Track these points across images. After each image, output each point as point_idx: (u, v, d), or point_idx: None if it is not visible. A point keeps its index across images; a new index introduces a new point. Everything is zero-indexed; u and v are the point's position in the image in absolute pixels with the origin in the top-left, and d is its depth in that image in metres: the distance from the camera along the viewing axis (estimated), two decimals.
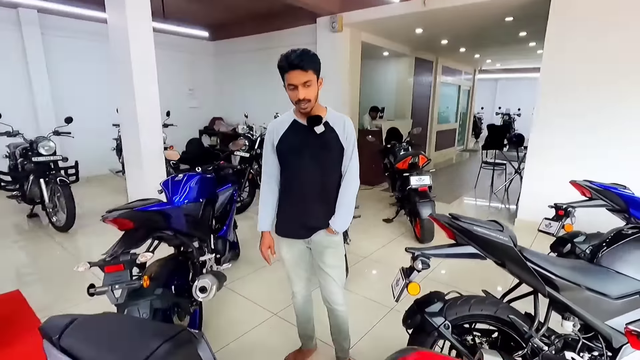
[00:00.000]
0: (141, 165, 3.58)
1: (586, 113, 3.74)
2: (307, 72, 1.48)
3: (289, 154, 1.66)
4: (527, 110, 12.98)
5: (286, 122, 1.68)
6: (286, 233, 1.77)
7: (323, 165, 1.65)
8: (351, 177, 1.70)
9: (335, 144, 1.64)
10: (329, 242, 1.74)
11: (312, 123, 1.61)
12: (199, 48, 8.00)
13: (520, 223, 4.34)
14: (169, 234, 2.02)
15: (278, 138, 1.67)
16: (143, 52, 3.45)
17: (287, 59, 1.48)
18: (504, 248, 1.42)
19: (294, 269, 1.85)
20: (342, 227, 1.72)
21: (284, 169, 1.71)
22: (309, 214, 1.69)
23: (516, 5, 4.42)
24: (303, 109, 1.56)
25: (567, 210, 2.40)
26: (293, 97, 1.54)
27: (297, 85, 1.50)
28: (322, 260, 1.76)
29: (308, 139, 1.62)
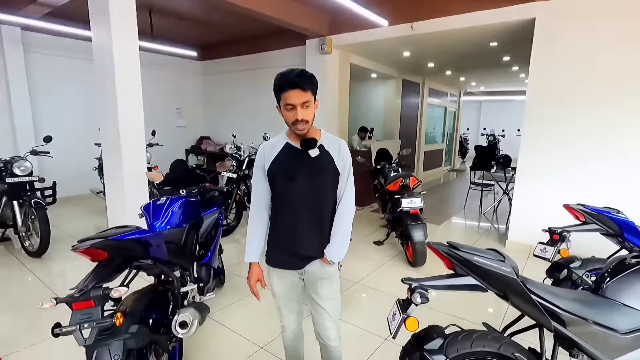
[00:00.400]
0: (122, 186, 3.42)
1: (573, 135, 3.79)
2: (306, 92, 1.42)
3: (281, 178, 1.56)
4: (510, 132, 13.33)
5: (278, 145, 1.59)
6: (278, 263, 1.65)
7: (317, 190, 1.56)
8: (347, 203, 1.61)
9: (330, 168, 1.56)
10: (324, 273, 1.63)
11: (306, 146, 1.52)
12: (188, 67, 7.97)
13: (511, 245, 4.30)
14: (148, 263, 1.88)
15: (269, 162, 1.57)
16: (128, 71, 3.36)
17: (286, 78, 1.41)
18: (507, 280, 1.34)
19: (285, 302, 1.72)
20: (338, 256, 1.61)
21: (276, 195, 1.61)
22: (302, 243, 1.58)
23: (500, 30, 4.55)
24: (300, 130, 1.48)
25: (562, 234, 2.35)
26: (290, 117, 1.46)
27: (296, 105, 1.43)
28: (316, 292, 1.65)
29: (302, 163, 1.53)
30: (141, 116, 3.50)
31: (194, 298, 2.20)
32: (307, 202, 1.55)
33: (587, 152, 3.74)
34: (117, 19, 3.26)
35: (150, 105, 7.24)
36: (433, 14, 4.49)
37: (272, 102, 5.53)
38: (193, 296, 2.20)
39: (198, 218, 2.52)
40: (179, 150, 8.02)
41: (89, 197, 6.15)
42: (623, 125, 3.54)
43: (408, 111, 8.75)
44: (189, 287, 2.08)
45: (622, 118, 3.54)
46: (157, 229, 2.17)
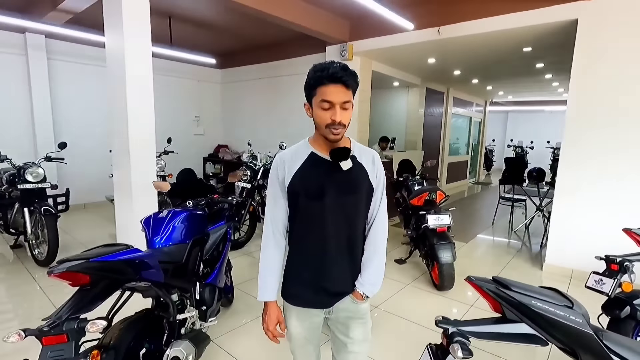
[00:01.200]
0: (131, 195, 3.27)
1: (622, 149, 3.38)
2: (348, 91, 1.18)
3: (307, 196, 1.26)
4: (539, 143, 12.70)
5: (301, 155, 1.29)
6: (300, 301, 1.35)
7: (351, 211, 1.28)
8: (381, 225, 1.36)
9: (364, 183, 1.29)
10: (357, 312, 1.35)
11: (337, 157, 1.23)
12: (206, 75, 7.96)
13: (549, 269, 3.88)
14: (142, 285, 1.67)
15: (291, 175, 1.27)
16: (140, 77, 3.24)
17: (326, 70, 1.15)
18: (578, 334, 1.03)
19: (302, 348, 1.42)
20: (373, 290, 1.33)
21: (298, 216, 1.30)
22: (332, 276, 1.29)
23: (537, 34, 4.20)
24: (334, 135, 1.21)
25: (623, 264, 1.99)
26: (324, 118, 1.19)
27: (335, 103, 1.17)
28: (346, 335, 1.36)
29: (331, 177, 1.25)
30: (152, 123, 3.36)
31: (193, 325, 1.97)
32: (338, 225, 1.27)
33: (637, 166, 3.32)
34: (130, 23, 3.15)
35: (168, 113, 7.30)
36: (463, 17, 4.20)
37: (291, 110, 5.33)
38: (193, 322, 1.96)
39: (203, 233, 2.31)
40: (197, 158, 7.96)
41: (105, 204, 6.11)
42: None
43: (431, 121, 8.40)
44: (187, 313, 1.85)
45: None
46: (156, 245, 1.97)
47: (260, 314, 2.95)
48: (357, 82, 1.21)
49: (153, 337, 1.69)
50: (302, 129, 6.59)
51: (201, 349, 1.71)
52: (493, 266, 4.12)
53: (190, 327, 1.93)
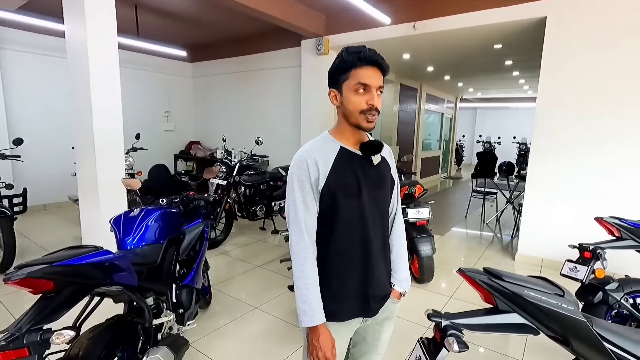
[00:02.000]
0: (97, 194, 3.06)
1: (590, 141, 3.54)
2: (382, 76, 1.12)
3: (346, 196, 1.14)
4: (506, 139, 13.24)
5: (331, 151, 1.16)
6: (348, 316, 1.19)
7: (383, 206, 1.24)
8: (401, 220, 1.37)
9: (389, 177, 1.26)
10: (394, 312, 1.31)
11: (369, 151, 1.17)
12: (177, 69, 7.63)
13: (520, 258, 4.02)
14: (114, 289, 1.54)
15: (326, 175, 1.12)
16: (105, 70, 3.03)
17: (361, 52, 1.08)
18: (571, 322, 1.04)
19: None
20: (409, 285, 1.33)
21: (334, 219, 1.15)
22: (376, 280, 1.20)
23: (507, 31, 4.33)
24: (369, 122, 1.12)
25: (595, 252, 2.07)
26: (359, 103, 1.09)
27: (373, 87, 1.08)
28: (378, 337, 1.31)
29: (365, 172, 1.18)
30: (119, 118, 3.16)
31: (170, 329, 1.85)
32: (375, 223, 1.20)
33: (606, 158, 3.48)
34: (93, 11, 2.94)
35: (135, 108, 6.94)
36: (438, 13, 4.25)
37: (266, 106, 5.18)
38: (170, 327, 1.85)
39: (179, 232, 2.18)
40: (167, 155, 7.65)
41: (67, 205, 5.75)
42: None
43: (405, 117, 8.52)
44: (164, 317, 1.74)
45: None
46: (127, 246, 1.83)
47: (238, 315, 2.87)
48: (388, 67, 1.14)
49: (127, 345, 1.57)
50: (278, 125, 6.48)
51: (180, 355, 1.61)
52: (468, 258, 4.22)
53: (167, 332, 1.81)
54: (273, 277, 3.50)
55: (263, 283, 3.38)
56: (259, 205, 4.75)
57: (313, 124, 5.68)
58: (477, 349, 2.42)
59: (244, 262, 3.88)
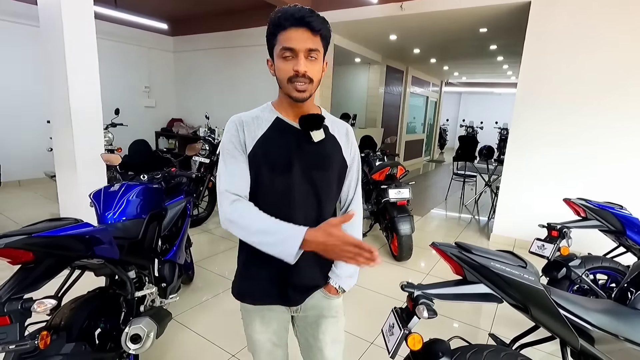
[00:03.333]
0: (75, 170, 2.99)
1: (565, 128, 3.67)
2: (315, 37, 0.96)
3: (271, 169, 1.03)
4: (488, 124, 13.48)
5: (264, 120, 1.07)
6: (264, 299, 1.13)
7: (320, 189, 1.07)
8: (357, 208, 1.20)
9: (337, 159, 1.11)
10: (329, 308, 1.18)
11: (309, 125, 1.04)
12: (157, 42, 7.35)
13: (495, 238, 4.20)
14: (95, 262, 1.55)
15: (252, 142, 1.04)
16: (81, 39, 2.90)
17: (289, 11, 0.94)
18: (531, 291, 1.12)
19: (270, 354, 1.20)
20: (351, 282, 1.18)
21: (259, 194, 1.05)
22: (300, 268, 1.01)
23: (493, 14, 4.35)
24: (299, 91, 0.98)
25: (562, 231, 2.19)
26: (286, 70, 0.97)
27: (298, 51, 0.94)
28: (316, 336, 1.18)
29: (301, 148, 1.04)
30: (97, 91, 3.06)
31: (153, 302, 1.88)
32: (305, 206, 1.06)
33: (579, 145, 3.62)
34: None
35: (114, 82, 6.68)
36: None
37: (251, 83, 5.10)
38: (152, 300, 1.88)
39: (161, 208, 2.18)
40: (148, 132, 7.46)
41: (43, 180, 5.58)
42: (617, 118, 3.44)
43: (391, 99, 8.54)
44: (146, 290, 1.76)
45: (617, 111, 3.43)
46: (108, 221, 1.83)
47: (220, 291, 2.92)
48: (327, 27, 0.99)
49: (109, 316, 1.60)
50: (263, 102, 6.36)
51: (163, 325, 1.64)
52: (446, 238, 4.37)
53: (149, 304, 1.84)
54: None
55: None
56: None
57: None
58: (452, 322, 2.56)
59: (227, 240, 3.90)
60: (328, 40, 1.02)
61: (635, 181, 3.43)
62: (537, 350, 1.45)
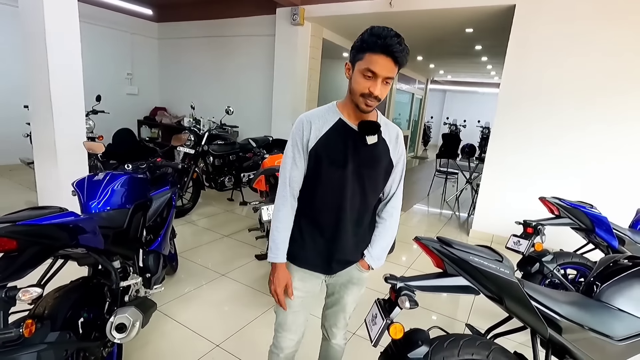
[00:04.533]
0: (55, 158, 2.91)
1: (543, 130, 3.80)
2: (395, 67, 1.12)
3: (330, 163, 1.24)
4: (471, 122, 13.76)
5: (329, 120, 1.25)
6: (309, 264, 1.35)
7: (366, 184, 1.29)
8: (398, 202, 1.43)
9: (385, 160, 1.30)
10: (359, 279, 1.43)
11: (366, 130, 1.23)
12: (141, 28, 7.14)
13: (474, 234, 4.34)
14: (78, 252, 1.53)
15: (316, 138, 1.23)
16: (62, 20, 2.80)
17: (382, 38, 1.07)
18: (506, 283, 1.19)
19: (296, 314, 1.39)
20: (381, 263, 1.41)
21: (316, 182, 1.28)
22: (342, 245, 1.31)
23: (479, 16, 4.44)
24: (367, 107, 1.17)
25: (537, 228, 2.30)
26: (362, 87, 1.13)
27: (379, 76, 1.10)
28: (341, 295, 1.46)
29: (355, 148, 1.23)
30: (79, 77, 2.98)
31: (137, 292, 1.88)
32: (353, 197, 1.28)
33: (557, 146, 3.77)
34: None
35: (95, 68, 6.47)
36: None
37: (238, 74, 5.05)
38: (137, 290, 1.88)
39: (146, 198, 2.17)
40: (130, 120, 7.28)
41: (19, 167, 5.38)
42: (594, 121, 3.59)
43: None
44: (131, 280, 1.76)
45: (594, 114, 3.58)
46: (92, 210, 1.81)
47: (203, 282, 2.93)
48: (407, 59, 1.14)
49: (93, 306, 1.59)
50: (249, 95, 6.34)
51: (148, 315, 1.65)
52: (427, 233, 4.49)
53: (134, 294, 1.84)
54: (240, 246, 3.56)
55: (230, 252, 3.43)
56: (227, 175, 4.72)
57: (285, 96, 5.62)
58: (432, 314, 2.66)
59: (211, 232, 3.89)
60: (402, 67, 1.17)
61: (607, 182, 3.61)
62: (510, 340, 1.53)
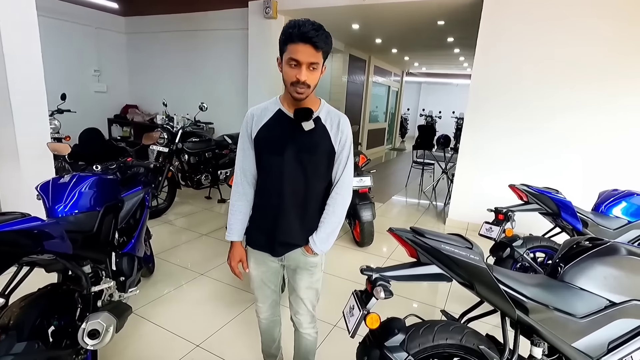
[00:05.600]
0: (17, 161, 2.77)
1: (515, 118, 3.93)
2: (317, 52, 1.20)
3: (268, 150, 1.36)
4: (446, 113, 14.07)
5: (269, 111, 1.37)
6: (256, 245, 1.50)
7: (307, 170, 1.36)
8: (343, 189, 1.44)
9: (324, 146, 1.36)
10: (306, 263, 1.49)
11: (300, 117, 1.30)
12: (107, 22, 6.84)
13: (450, 222, 4.46)
14: (45, 258, 1.47)
15: (257, 128, 1.36)
16: (18, 14, 2.65)
17: (299, 28, 1.16)
18: (476, 270, 1.23)
19: (260, 288, 1.57)
20: (325, 248, 1.45)
21: (260, 169, 1.42)
22: (284, 228, 1.40)
23: (449, 9, 4.52)
24: (298, 94, 1.25)
25: (507, 214, 2.39)
26: (290, 76, 1.22)
27: (302, 63, 1.19)
28: (294, 280, 1.54)
29: (293, 135, 1.33)
30: (40, 74, 2.83)
31: (111, 297, 1.83)
32: (294, 182, 1.36)
33: (526, 135, 3.91)
34: None
35: (59, 65, 6.17)
36: None
37: (211, 69, 4.96)
38: (110, 294, 1.82)
39: (117, 199, 2.10)
40: (99, 119, 6.99)
41: None
42: (560, 110, 3.74)
43: (354, 88, 8.63)
44: (104, 284, 1.70)
45: (560, 104, 3.72)
46: (58, 214, 1.73)
47: (183, 282, 2.89)
48: (328, 43, 1.22)
49: (63, 313, 1.53)
50: (224, 90, 6.22)
51: (123, 319, 1.60)
52: (406, 224, 4.54)
53: (107, 299, 1.79)
54: (219, 244, 3.52)
55: (209, 251, 3.39)
56: (204, 173, 4.63)
57: (261, 90, 5.55)
58: (411, 302, 2.72)
59: (189, 231, 3.82)
60: (328, 52, 1.26)
61: (573, 167, 3.78)
62: (484, 322, 1.59)
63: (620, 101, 3.53)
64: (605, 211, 2.48)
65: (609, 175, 3.61)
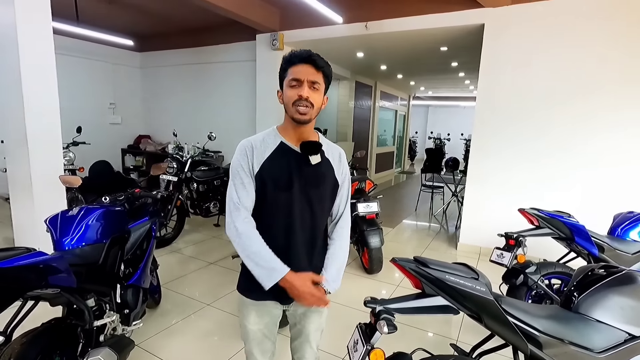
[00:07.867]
0: (31, 192, 2.85)
1: (522, 139, 3.89)
2: (318, 72, 1.20)
3: (274, 187, 1.24)
4: (454, 136, 14.08)
5: (270, 144, 1.27)
6: (261, 295, 1.27)
7: (314, 204, 1.28)
8: (346, 222, 1.40)
9: (330, 178, 1.32)
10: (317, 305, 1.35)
11: (308, 150, 1.26)
12: (123, 58, 7.18)
13: (462, 247, 4.35)
14: (49, 292, 1.48)
15: (260, 163, 1.24)
16: (38, 56, 2.81)
17: (299, 53, 1.21)
18: (483, 301, 1.19)
19: (261, 344, 1.39)
20: (336, 286, 1.33)
21: (265, 206, 1.27)
22: (294, 270, 1.22)
23: (451, 35, 4.61)
24: (301, 114, 1.20)
25: (518, 239, 2.32)
26: (292, 96, 1.20)
27: (303, 80, 1.18)
28: (302, 324, 1.41)
29: (300, 170, 1.26)
30: (56, 110, 2.96)
31: (114, 330, 1.81)
32: (303, 218, 1.27)
33: (536, 156, 3.85)
34: None
35: (76, 99, 6.46)
36: (387, 14, 4.42)
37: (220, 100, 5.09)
38: (114, 328, 1.80)
39: (123, 231, 2.12)
40: (114, 150, 7.21)
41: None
42: (571, 130, 3.68)
43: (361, 113, 8.75)
44: (107, 318, 1.69)
45: (570, 124, 3.68)
46: (65, 247, 1.76)
47: (190, 313, 2.84)
48: (329, 68, 1.23)
49: (65, 349, 1.52)
50: (232, 120, 6.37)
51: (124, 355, 1.58)
52: (417, 248, 4.48)
53: (110, 333, 1.77)
54: (227, 273, 3.49)
55: (216, 280, 3.36)
56: (212, 201, 4.67)
57: (268, 119, 5.66)
58: (423, 333, 2.62)
59: (197, 260, 3.81)
60: (329, 78, 1.26)
61: (586, 189, 3.68)
62: (499, 355, 1.51)
63: (630, 122, 3.48)
64: (622, 235, 2.39)
65: (622, 197, 3.50)
